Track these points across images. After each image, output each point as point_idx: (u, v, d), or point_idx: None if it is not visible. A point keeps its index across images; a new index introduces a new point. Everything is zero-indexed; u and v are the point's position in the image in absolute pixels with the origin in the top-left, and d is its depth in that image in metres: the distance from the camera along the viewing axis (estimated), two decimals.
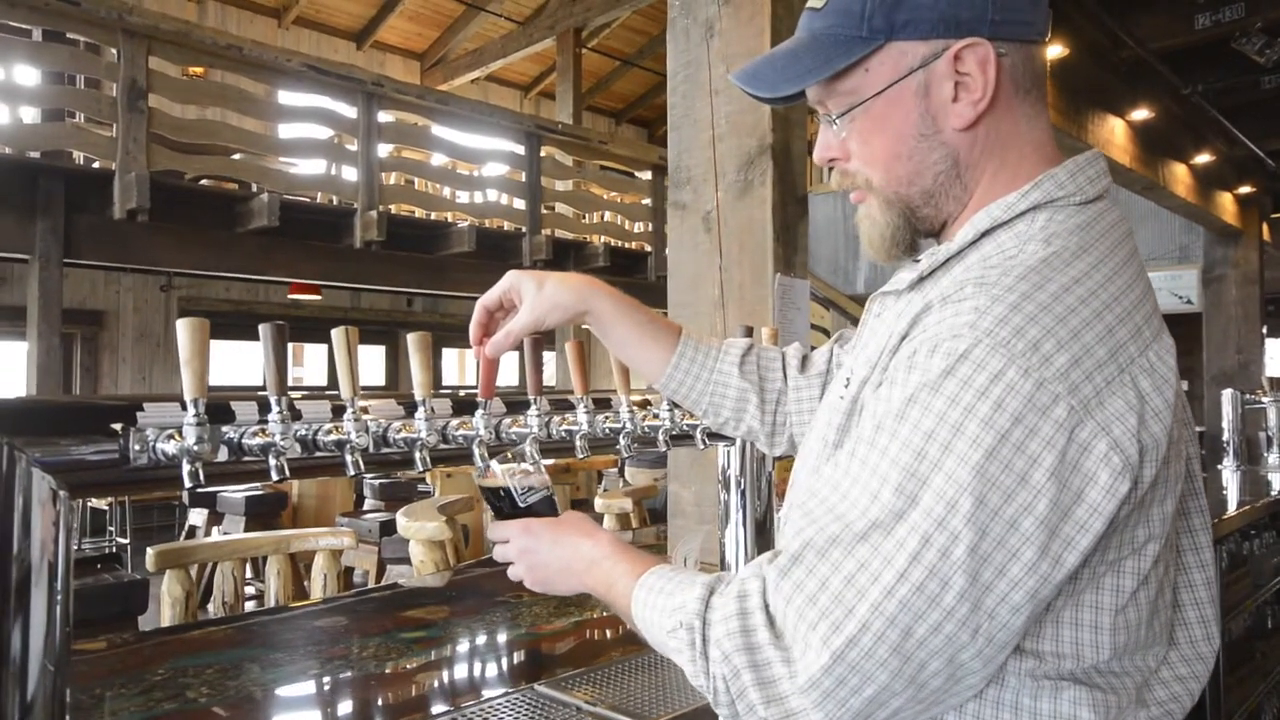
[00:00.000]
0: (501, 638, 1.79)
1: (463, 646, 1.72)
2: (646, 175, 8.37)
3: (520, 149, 7.29)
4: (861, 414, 0.81)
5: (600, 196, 8.20)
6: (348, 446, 1.18)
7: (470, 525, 4.61)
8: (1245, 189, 7.23)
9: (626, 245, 8.24)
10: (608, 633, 1.76)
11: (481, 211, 7.23)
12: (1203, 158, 6.22)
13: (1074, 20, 4.19)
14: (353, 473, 1.19)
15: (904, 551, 0.68)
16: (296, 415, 1.20)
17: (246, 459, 1.14)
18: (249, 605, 4.34)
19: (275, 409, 1.10)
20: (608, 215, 8.31)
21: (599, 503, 3.40)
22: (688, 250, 2.49)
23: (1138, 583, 0.76)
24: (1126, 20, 4.24)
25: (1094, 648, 0.75)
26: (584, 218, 8.05)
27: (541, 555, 0.99)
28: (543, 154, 7.40)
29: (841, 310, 7.82)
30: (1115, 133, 5.09)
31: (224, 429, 1.13)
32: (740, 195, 2.39)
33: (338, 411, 1.21)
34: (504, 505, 1.05)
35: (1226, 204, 7.13)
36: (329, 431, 1.20)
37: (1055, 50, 3.97)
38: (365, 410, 1.28)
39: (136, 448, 1.05)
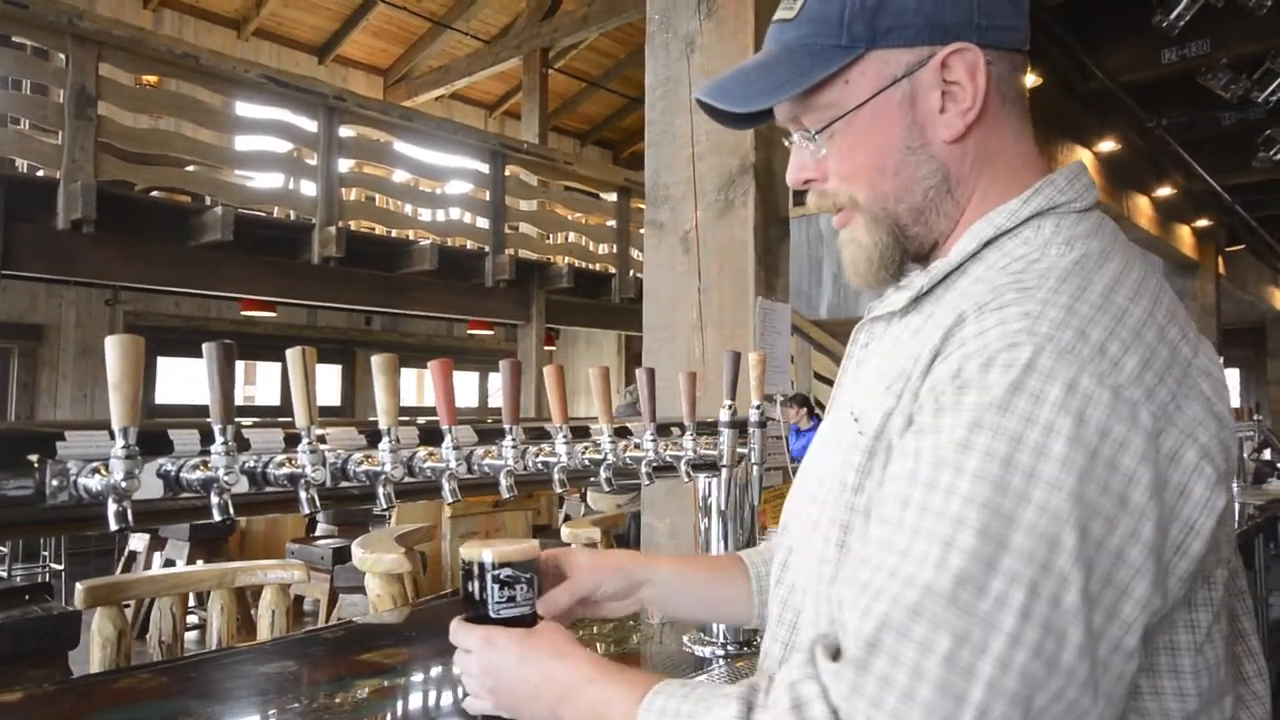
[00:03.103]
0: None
1: (425, 695, 1.58)
2: (612, 197, 8.31)
3: (484, 168, 7.18)
4: (889, 452, 0.70)
5: (565, 217, 8.12)
6: (302, 481, 1.05)
7: (429, 553, 4.43)
8: (1203, 222, 7.41)
9: (591, 267, 8.15)
10: None
11: (444, 230, 7.09)
12: (1164, 191, 6.35)
13: (1045, 50, 4.23)
14: (307, 510, 1.07)
15: (1009, 609, 0.57)
16: (244, 445, 1.07)
17: (185, 495, 1.01)
18: (191, 635, 4.11)
19: (220, 439, 0.97)
20: (572, 236, 8.22)
21: (565, 531, 3.26)
22: (665, 271, 2.40)
23: (1213, 616, 0.67)
24: (1096, 52, 4.29)
25: (1179, 697, 0.65)
26: (548, 238, 7.95)
27: (506, 677, 0.83)
28: (507, 173, 7.30)
29: (805, 335, 7.78)
30: (1083, 164, 5.15)
31: (160, 461, 1.00)
32: (720, 215, 2.31)
33: (292, 441, 1.08)
34: (474, 599, 0.90)
35: (1185, 237, 7.28)
36: (281, 464, 1.07)
37: (1029, 79, 3.99)
38: (322, 439, 1.16)
39: (55, 483, 0.92)
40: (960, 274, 0.75)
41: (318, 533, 5.52)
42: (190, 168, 5.74)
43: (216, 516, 0.97)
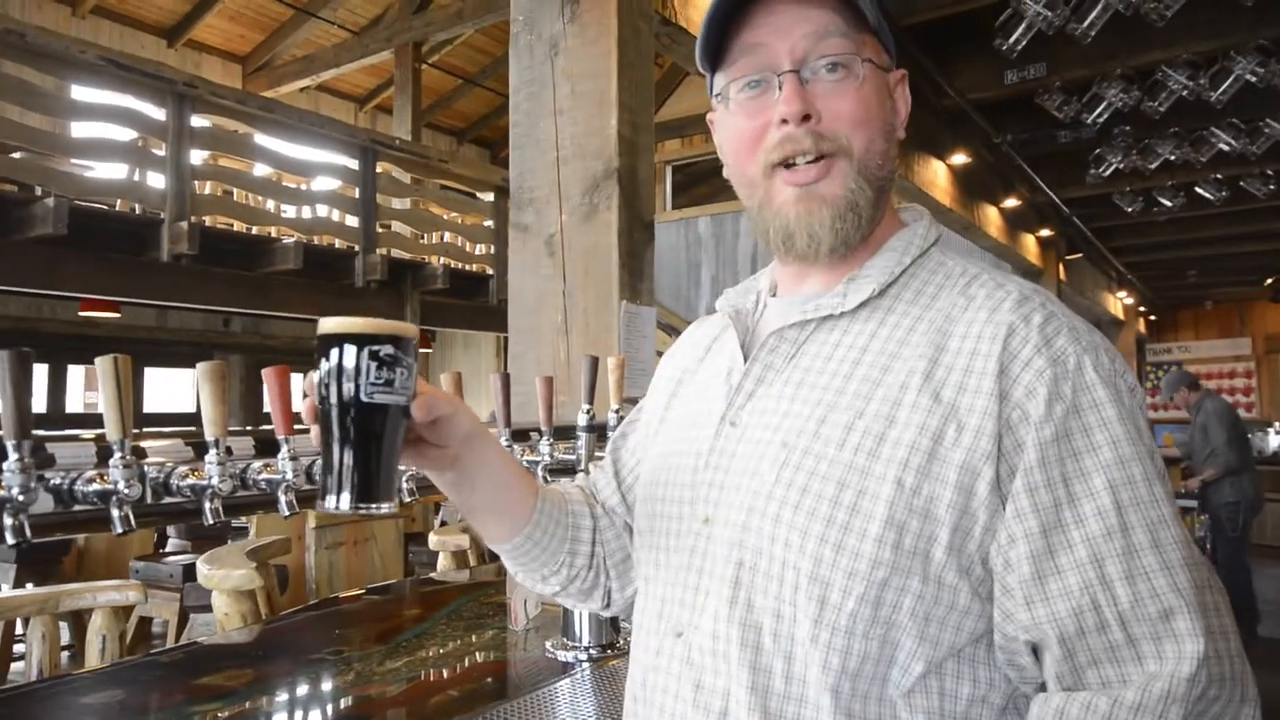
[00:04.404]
0: (316, 706, 1.58)
1: (271, 718, 1.50)
2: (489, 197, 8.17)
3: (354, 163, 6.91)
4: (969, 453, 0.72)
5: (440, 216, 7.92)
6: (114, 499, 0.97)
7: (291, 566, 4.22)
8: (1045, 232, 7.98)
9: (467, 267, 7.99)
10: (450, 691, 1.59)
11: (310, 228, 6.78)
12: (1011, 202, 6.79)
13: (905, 68, 4.45)
14: (120, 530, 0.99)
15: (1203, 564, 0.73)
16: (47, 461, 0.98)
17: None
18: (17, 666, 3.77)
19: (14, 455, 0.88)
20: (447, 236, 8.03)
21: (433, 539, 3.18)
22: (530, 274, 2.37)
23: None
24: (948, 71, 4.54)
25: None
26: (422, 238, 7.73)
27: None
28: (378, 170, 7.06)
29: None
30: (938, 175, 5.44)
31: None
32: (585, 219, 2.30)
33: (107, 455, 1.00)
34: (328, 384, 0.69)
35: (1030, 245, 7.82)
36: (91, 480, 0.99)
37: None
38: (142, 452, 1.08)
39: None
40: (902, 286, 0.81)
41: (168, 548, 5.18)
42: (16, 154, 5.27)
43: (9, 540, 0.88)
